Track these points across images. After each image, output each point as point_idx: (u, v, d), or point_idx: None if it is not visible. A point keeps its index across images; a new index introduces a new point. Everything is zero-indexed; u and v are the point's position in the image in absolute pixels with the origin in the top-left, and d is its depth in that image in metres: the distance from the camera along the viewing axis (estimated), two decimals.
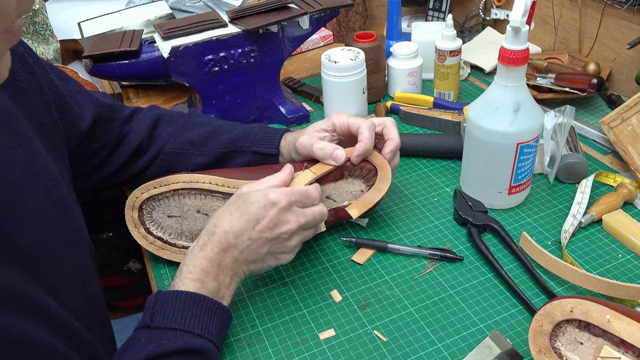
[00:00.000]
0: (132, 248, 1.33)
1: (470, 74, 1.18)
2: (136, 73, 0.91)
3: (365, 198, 0.74)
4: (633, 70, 1.02)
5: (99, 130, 0.74)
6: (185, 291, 0.58)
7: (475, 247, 0.74)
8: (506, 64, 0.69)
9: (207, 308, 0.58)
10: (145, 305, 0.58)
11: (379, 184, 0.74)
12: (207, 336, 0.57)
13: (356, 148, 0.71)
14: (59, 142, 0.64)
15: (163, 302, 0.57)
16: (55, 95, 0.65)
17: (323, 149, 0.72)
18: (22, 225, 0.51)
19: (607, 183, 0.84)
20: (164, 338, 0.54)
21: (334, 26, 1.35)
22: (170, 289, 0.59)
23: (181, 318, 0.56)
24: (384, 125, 0.74)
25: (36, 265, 0.51)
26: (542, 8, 1.16)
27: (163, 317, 0.56)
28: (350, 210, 0.73)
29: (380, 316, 0.66)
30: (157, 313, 0.56)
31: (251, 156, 0.79)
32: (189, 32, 0.92)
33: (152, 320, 0.56)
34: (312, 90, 1.13)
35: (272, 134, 0.79)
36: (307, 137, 0.74)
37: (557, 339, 0.54)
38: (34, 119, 0.60)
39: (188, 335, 0.55)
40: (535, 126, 0.72)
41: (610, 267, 0.70)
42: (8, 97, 0.57)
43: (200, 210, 0.72)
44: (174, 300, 0.57)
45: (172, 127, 0.79)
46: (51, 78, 0.65)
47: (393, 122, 0.75)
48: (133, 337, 0.56)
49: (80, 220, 0.62)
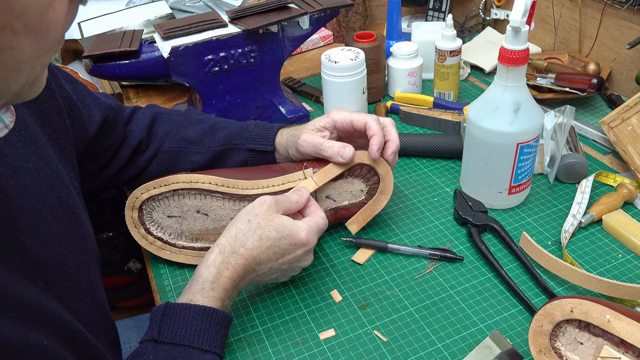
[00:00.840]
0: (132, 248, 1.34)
1: (470, 74, 1.18)
2: (136, 73, 0.91)
3: (364, 211, 0.74)
4: (633, 70, 1.02)
5: (105, 133, 0.74)
6: (195, 305, 0.57)
7: (475, 247, 0.74)
8: (506, 64, 0.69)
9: (216, 321, 0.57)
10: (151, 316, 0.58)
11: (380, 195, 0.74)
12: (214, 350, 0.56)
13: (373, 143, 0.71)
14: (69, 148, 0.64)
15: (172, 315, 0.56)
16: (65, 99, 0.65)
17: (332, 148, 0.71)
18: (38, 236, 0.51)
19: (607, 183, 0.84)
20: (172, 356, 0.54)
21: (334, 26, 1.35)
22: (185, 301, 0.58)
23: (191, 333, 0.55)
24: (384, 125, 0.74)
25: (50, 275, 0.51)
26: (542, 8, 1.16)
27: (172, 332, 0.55)
28: (349, 225, 0.74)
29: (380, 316, 0.66)
30: (165, 327, 0.56)
31: (247, 153, 0.78)
32: (189, 32, 0.92)
33: (160, 335, 0.55)
34: (312, 90, 1.13)
35: (267, 130, 0.78)
36: (309, 136, 0.73)
37: (557, 339, 0.54)
38: (47, 125, 0.60)
39: (197, 352, 0.55)
40: (535, 126, 0.72)
41: (610, 267, 0.70)
42: (22, 105, 0.56)
43: (200, 210, 0.72)
44: (184, 314, 0.56)
45: (169, 125, 0.79)
46: (61, 82, 0.65)
47: (392, 122, 0.75)
48: (139, 350, 0.56)
49: (88, 227, 0.62)
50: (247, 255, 0.60)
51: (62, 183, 0.58)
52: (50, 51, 0.38)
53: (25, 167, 0.53)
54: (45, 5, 0.34)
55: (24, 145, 0.54)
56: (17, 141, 0.53)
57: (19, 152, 0.53)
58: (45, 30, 0.35)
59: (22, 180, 0.51)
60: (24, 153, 0.53)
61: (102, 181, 0.78)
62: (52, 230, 0.53)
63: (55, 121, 0.62)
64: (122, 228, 0.73)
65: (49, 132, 0.60)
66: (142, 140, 0.78)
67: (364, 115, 0.73)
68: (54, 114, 0.62)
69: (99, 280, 0.61)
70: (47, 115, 0.60)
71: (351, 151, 0.71)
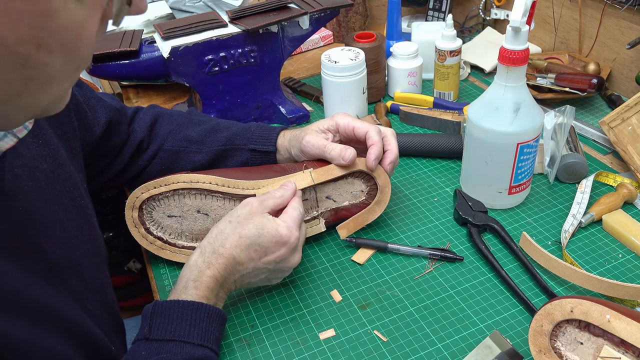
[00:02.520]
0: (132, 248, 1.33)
1: (470, 74, 1.18)
2: (136, 73, 0.91)
3: (357, 218, 0.74)
4: (633, 70, 1.02)
5: (110, 135, 0.74)
6: (183, 300, 0.57)
7: (475, 247, 0.74)
8: (506, 64, 0.69)
9: (205, 316, 0.57)
10: (142, 315, 0.58)
11: (375, 206, 0.75)
12: (206, 344, 0.56)
13: (371, 152, 0.71)
14: (77, 150, 0.64)
15: (161, 312, 0.57)
16: (72, 101, 0.65)
17: (334, 150, 0.72)
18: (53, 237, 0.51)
19: (607, 183, 0.84)
20: (164, 351, 0.54)
21: (334, 26, 1.35)
22: None
23: (180, 328, 0.56)
24: (384, 135, 0.74)
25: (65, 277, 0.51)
26: (542, 8, 1.16)
27: (162, 328, 0.55)
28: (339, 230, 0.74)
29: (380, 316, 0.66)
30: (156, 324, 0.56)
31: (248, 154, 0.78)
32: (189, 32, 0.92)
33: (151, 332, 0.55)
34: (312, 90, 1.13)
35: (269, 132, 0.79)
36: (314, 137, 0.73)
37: (557, 339, 0.54)
38: (58, 127, 0.60)
39: (188, 346, 0.55)
40: (535, 126, 0.72)
41: (610, 267, 0.70)
42: None
43: (200, 210, 0.72)
44: (172, 310, 0.57)
45: (170, 125, 0.80)
46: None
47: (393, 133, 0.75)
48: (132, 350, 0.56)
49: (98, 229, 0.62)
50: (226, 255, 0.60)
51: (74, 184, 0.58)
52: (80, 68, 0.39)
53: (40, 168, 0.53)
54: (79, 24, 0.35)
55: (38, 146, 0.54)
56: (31, 142, 0.54)
57: (34, 154, 0.53)
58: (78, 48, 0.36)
59: (37, 182, 0.52)
60: (38, 154, 0.54)
61: (105, 181, 0.78)
62: (67, 231, 0.54)
63: (65, 123, 0.62)
64: (122, 228, 0.73)
65: (59, 134, 0.60)
66: (144, 139, 0.78)
67: (366, 125, 0.73)
68: (64, 116, 0.62)
69: (109, 282, 0.62)
70: (58, 117, 0.61)
71: (352, 153, 0.71)
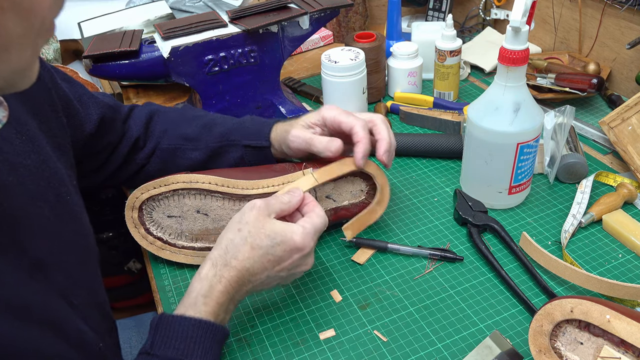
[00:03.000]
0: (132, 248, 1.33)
1: (470, 74, 1.18)
2: (136, 73, 0.91)
3: (360, 218, 0.74)
4: (633, 70, 1.02)
5: (103, 132, 0.74)
6: (189, 317, 0.56)
7: (475, 247, 0.74)
8: (506, 64, 0.69)
9: (210, 335, 0.56)
10: (150, 325, 0.57)
11: (376, 206, 0.74)
12: None
13: (357, 151, 0.69)
14: (66, 147, 0.64)
15: (166, 326, 0.56)
16: (61, 98, 0.65)
17: (321, 142, 0.70)
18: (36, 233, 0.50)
19: (607, 183, 0.84)
20: None
21: (334, 26, 1.35)
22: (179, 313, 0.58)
23: (184, 347, 0.55)
24: (373, 123, 0.71)
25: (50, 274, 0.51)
26: (542, 8, 1.16)
27: (164, 343, 0.55)
28: (345, 230, 0.73)
29: (380, 316, 0.66)
30: (158, 340, 0.55)
31: (243, 150, 0.77)
32: (189, 32, 0.92)
33: (152, 347, 0.55)
34: (312, 90, 1.13)
35: (262, 126, 0.77)
36: (300, 131, 0.72)
37: (557, 339, 0.54)
38: (44, 123, 0.60)
39: None
40: (535, 126, 0.72)
41: (610, 267, 0.70)
42: (19, 102, 0.56)
43: (200, 210, 0.72)
44: (177, 326, 0.56)
45: (166, 122, 0.79)
46: (57, 81, 0.65)
47: (383, 119, 0.72)
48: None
49: (88, 225, 0.61)
50: (239, 267, 0.58)
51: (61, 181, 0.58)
52: (39, 37, 0.38)
53: (24, 164, 0.53)
54: None
55: (22, 142, 0.54)
56: (15, 138, 0.53)
57: (17, 150, 0.53)
58: (32, 6, 0.35)
59: (21, 177, 0.51)
60: (22, 150, 0.53)
61: (101, 179, 0.78)
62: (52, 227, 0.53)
63: (52, 119, 0.61)
64: (122, 228, 0.73)
65: (45, 130, 0.59)
66: (140, 137, 0.78)
67: (352, 119, 0.70)
68: (50, 112, 0.61)
69: (99, 279, 0.61)
70: (44, 113, 0.60)
71: (338, 144, 0.69)
